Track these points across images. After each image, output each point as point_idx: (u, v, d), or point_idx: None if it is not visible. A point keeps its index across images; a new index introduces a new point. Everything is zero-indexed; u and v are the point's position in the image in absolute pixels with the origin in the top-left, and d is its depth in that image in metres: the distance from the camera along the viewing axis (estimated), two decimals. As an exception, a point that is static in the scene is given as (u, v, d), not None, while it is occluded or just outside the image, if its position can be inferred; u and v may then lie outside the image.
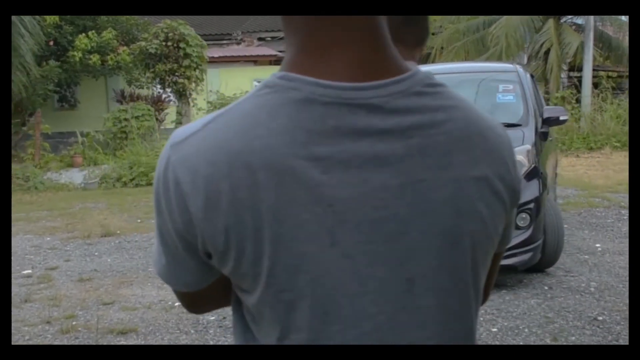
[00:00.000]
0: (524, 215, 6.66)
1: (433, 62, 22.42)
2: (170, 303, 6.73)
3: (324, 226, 1.02)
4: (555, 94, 19.55)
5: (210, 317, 6.32)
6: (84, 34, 20.32)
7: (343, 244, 1.03)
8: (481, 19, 22.91)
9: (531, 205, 6.69)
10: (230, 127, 1.03)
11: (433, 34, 25.88)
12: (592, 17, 19.47)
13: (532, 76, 9.16)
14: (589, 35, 19.43)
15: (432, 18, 27.31)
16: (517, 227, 6.55)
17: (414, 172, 1.05)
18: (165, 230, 1.10)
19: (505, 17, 21.40)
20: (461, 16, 23.61)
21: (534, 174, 6.89)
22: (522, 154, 6.82)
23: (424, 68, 8.67)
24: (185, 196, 1.03)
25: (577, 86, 19.96)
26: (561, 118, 7.90)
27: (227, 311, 6.34)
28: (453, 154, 1.07)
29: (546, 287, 6.90)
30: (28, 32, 15.78)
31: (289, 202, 1.01)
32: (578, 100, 18.99)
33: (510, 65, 9.06)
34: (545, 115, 7.87)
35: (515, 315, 6.07)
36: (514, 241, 6.44)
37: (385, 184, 1.04)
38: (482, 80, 8.31)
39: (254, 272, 1.04)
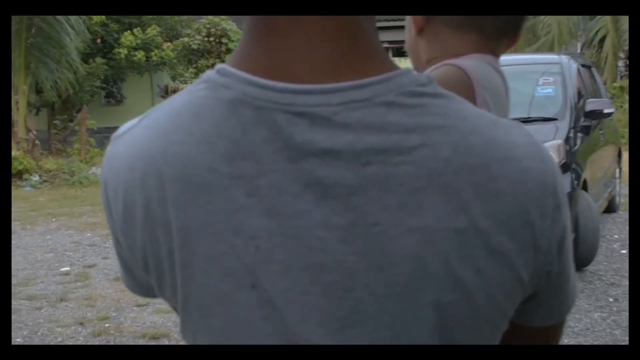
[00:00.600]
0: None
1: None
2: (202, 304, 6.74)
3: (243, 262, 0.80)
4: (612, 84, 18.74)
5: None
6: (129, 31, 20.48)
7: (267, 289, 0.81)
8: (532, 6, 22.46)
9: None
10: (155, 127, 0.85)
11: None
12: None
13: (587, 66, 9.02)
14: (650, 20, 18.79)
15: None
16: None
17: (367, 211, 0.79)
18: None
19: (556, 5, 20.93)
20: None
21: (564, 169, 6.69)
22: (552, 149, 6.60)
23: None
24: (110, 201, 0.88)
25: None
26: (605, 111, 7.70)
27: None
28: (425, 193, 0.78)
29: (611, 299, 6.48)
30: (74, 30, 15.96)
31: (202, 227, 0.81)
32: (636, 90, 18.34)
33: (555, 57, 8.87)
34: (588, 108, 7.66)
35: (577, 331, 5.65)
36: None
37: (327, 222, 0.79)
38: (522, 74, 8.02)
39: (176, 302, 0.87)
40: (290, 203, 0.79)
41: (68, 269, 8.32)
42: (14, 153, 15.43)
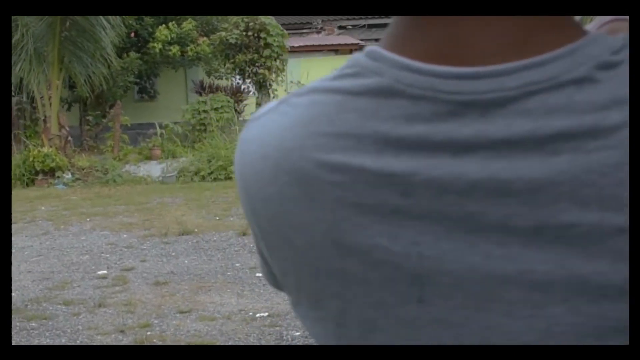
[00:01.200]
0: None
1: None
2: (251, 314, 6.33)
3: (405, 272, 0.69)
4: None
5: (296, 332, 5.89)
6: (164, 25, 20.18)
7: (436, 304, 0.69)
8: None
9: None
10: (293, 115, 0.76)
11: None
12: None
13: None
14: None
15: None
16: None
17: (559, 210, 0.65)
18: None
19: None
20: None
21: None
22: None
23: None
24: (247, 186, 0.79)
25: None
26: None
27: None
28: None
29: None
30: (110, 24, 15.65)
31: (356, 228, 0.70)
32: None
33: None
34: None
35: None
36: None
37: (507, 224, 0.66)
38: None
39: (320, 315, 0.77)
40: (456, 203, 0.68)
41: (105, 272, 7.95)
42: (46, 150, 15.16)
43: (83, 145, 19.65)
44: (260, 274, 7.52)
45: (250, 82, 20.00)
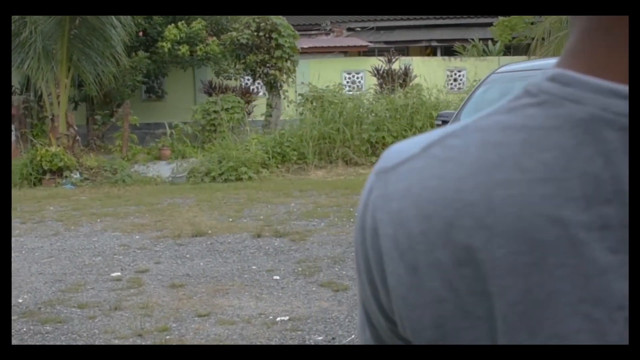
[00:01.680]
0: None
1: (533, 54, 21.55)
2: (271, 318, 6.13)
3: (608, 342, 0.61)
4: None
5: (318, 337, 5.69)
6: (173, 25, 20.00)
7: None
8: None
9: None
10: (462, 160, 0.66)
11: (532, 23, 24.97)
12: None
13: None
14: None
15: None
16: None
17: None
18: (363, 294, 0.77)
19: None
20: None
21: None
22: None
23: (536, 62, 7.97)
24: (383, 254, 0.70)
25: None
26: None
27: (337, 331, 5.77)
28: None
29: None
30: (120, 23, 15.45)
31: (547, 299, 0.61)
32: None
33: None
34: None
35: None
36: None
37: None
38: None
39: None
40: None
41: (119, 274, 7.76)
42: (54, 149, 14.97)
43: (90, 144, 19.46)
44: (278, 277, 7.34)
45: (260, 83, 19.84)
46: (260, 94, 20.82)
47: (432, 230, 0.66)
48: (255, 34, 18.35)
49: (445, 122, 7.84)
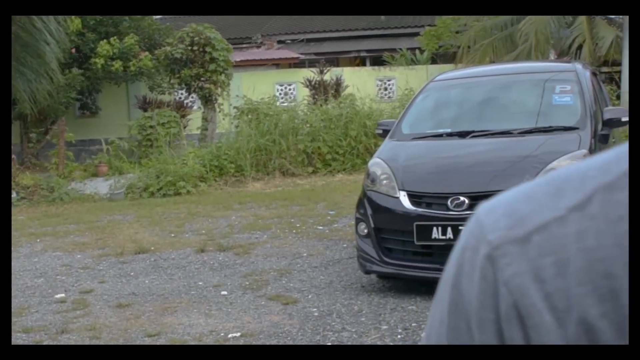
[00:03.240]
0: None
1: (460, 62, 21.91)
2: (223, 334, 6.17)
3: None
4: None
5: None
6: (105, 41, 19.88)
7: None
8: (508, 15, 22.33)
9: None
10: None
11: (457, 32, 25.38)
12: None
13: (594, 74, 8.80)
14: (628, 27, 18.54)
15: (456, 16, 26.83)
16: None
17: None
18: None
19: (535, 12, 20.88)
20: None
21: None
22: (578, 159, 6.17)
23: (473, 70, 8.14)
24: (531, 329, 0.66)
25: (617, 82, 19.15)
26: (623, 119, 7.35)
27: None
28: None
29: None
30: (54, 39, 15.28)
31: None
32: (618, 97, 18.12)
33: (569, 65, 8.69)
34: (606, 116, 7.40)
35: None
36: None
37: None
38: (538, 82, 7.97)
39: None
40: None
41: (63, 295, 7.71)
42: (-12, 168, 14.70)
43: (25, 163, 19.21)
44: (225, 292, 7.39)
45: (194, 97, 19.83)
46: (195, 107, 20.80)
47: (585, 294, 0.65)
48: (190, 48, 18.36)
49: (386, 131, 7.92)
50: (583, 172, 0.70)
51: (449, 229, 6.39)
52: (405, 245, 6.80)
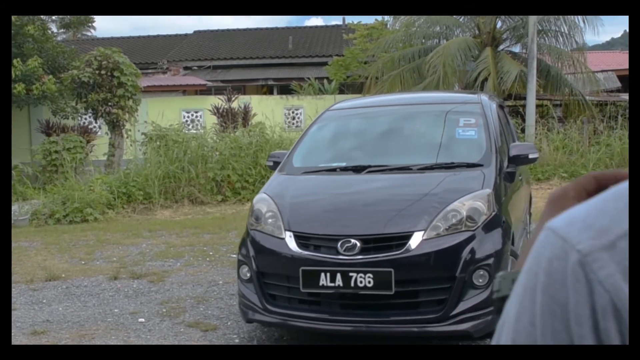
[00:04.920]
0: (481, 272, 5.64)
1: (368, 92, 22.18)
2: (146, 361, 6.07)
3: None
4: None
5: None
6: (8, 62, 19.39)
7: None
8: (416, 47, 22.74)
9: (490, 261, 5.70)
10: None
11: (365, 62, 25.75)
12: (535, 45, 19.23)
13: (501, 106, 8.49)
14: (532, 63, 18.98)
15: (364, 47, 27.19)
16: (474, 287, 5.63)
17: None
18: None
19: (442, 45, 21.27)
20: (394, 46, 23.40)
21: (495, 223, 5.97)
22: (481, 200, 6.00)
23: (373, 99, 7.88)
24: (622, 318, 0.75)
25: (522, 115, 19.64)
26: (530, 156, 6.98)
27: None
28: None
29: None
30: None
31: None
32: (523, 130, 18.61)
33: (474, 96, 8.26)
34: (512, 153, 6.98)
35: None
36: (469, 304, 5.60)
37: None
38: (440, 113, 7.54)
39: None
40: None
41: (-27, 323, 7.40)
42: None
43: None
44: (143, 319, 7.27)
45: (103, 122, 19.52)
46: (99, 133, 20.46)
47: None
48: (97, 72, 18.08)
49: (276, 163, 7.33)
50: None
51: (338, 276, 5.66)
52: (291, 292, 6.01)
